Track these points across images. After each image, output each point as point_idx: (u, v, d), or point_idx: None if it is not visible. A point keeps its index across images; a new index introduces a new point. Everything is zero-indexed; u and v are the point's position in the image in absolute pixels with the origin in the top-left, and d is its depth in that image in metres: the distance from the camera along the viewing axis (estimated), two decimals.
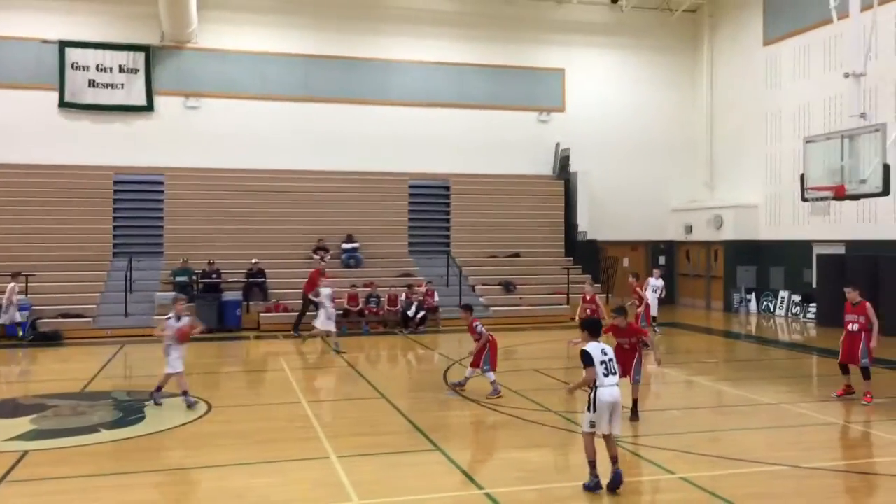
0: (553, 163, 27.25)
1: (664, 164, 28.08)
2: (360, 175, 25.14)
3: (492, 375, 11.70)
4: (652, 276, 20.14)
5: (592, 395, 7.27)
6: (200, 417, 10.55)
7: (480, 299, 22.89)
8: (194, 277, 21.01)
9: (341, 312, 20.49)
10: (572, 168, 26.52)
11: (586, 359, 7.31)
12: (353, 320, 20.64)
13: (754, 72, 25.77)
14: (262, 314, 20.83)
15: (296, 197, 24.21)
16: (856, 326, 11.00)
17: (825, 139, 16.91)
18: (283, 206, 24.00)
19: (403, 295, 21.09)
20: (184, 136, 24.24)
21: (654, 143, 27.91)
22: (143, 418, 10.58)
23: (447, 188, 25.87)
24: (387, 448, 8.94)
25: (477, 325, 11.87)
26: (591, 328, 7.60)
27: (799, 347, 18.45)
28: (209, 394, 12.14)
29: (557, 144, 27.06)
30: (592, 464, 7.28)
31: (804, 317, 23.03)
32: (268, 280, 21.51)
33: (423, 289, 21.28)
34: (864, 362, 11.05)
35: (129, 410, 11.13)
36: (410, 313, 20.64)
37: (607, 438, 7.31)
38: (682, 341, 19.16)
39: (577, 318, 15.26)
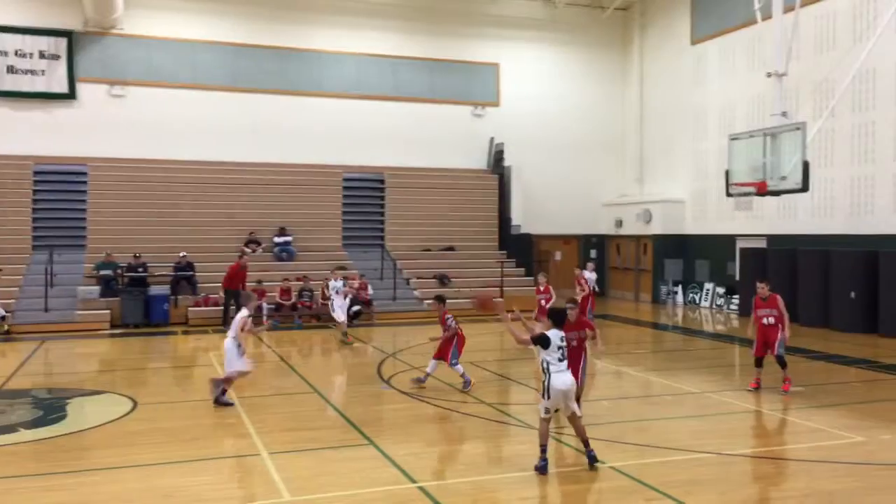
0: (487, 157, 27.43)
1: (596, 160, 28.57)
2: (293, 167, 24.83)
3: (460, 368, 11.76)
4: (585, 269, 20.41)
5: (546, 383, 7.56)
6: (125, 415, 10.26)
7: (415, 292, 22.90)
8: (119, 271, 20.39)
9: (273, 307, 20.22)
10: (506, 162, 26.75)
11: (543, 341, 7.55)
12: (285, 314, 20.38)
13: (682, 70, 26.43)
14: (190, 309, 20.36)
15: (226, 189, 23.74)
16: (771, 320, 11.37)
17: (748, 137, 17.47)
18: (212, 198, 23.50)
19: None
20: (108, 126, 23.47)
21: (586, 139, 28.36)
22: (64, 417, 10.23)
23: (382, 181, 25.76)
24: (319, 443, 8.86)
25: (448, 318, 11.92)
26: (556, 318, 7.84)
27: (722, 338, 19.04)
28: (134, 391, 11.82)
29: (492, 139, 27.24)
30: (544, 448, 7.63)
31: (727, 308, 23.79)
32: (196, 274, 21.03)
33: (356, 282, 21.14)
34: (781, 352, 11.40)
35: (49, 409, 10.74)
36: None
37: (574, 421, 7.69)
38: (612, 333, 19.53)
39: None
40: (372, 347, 16.95)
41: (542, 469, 7.58)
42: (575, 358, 9.07)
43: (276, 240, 23.29)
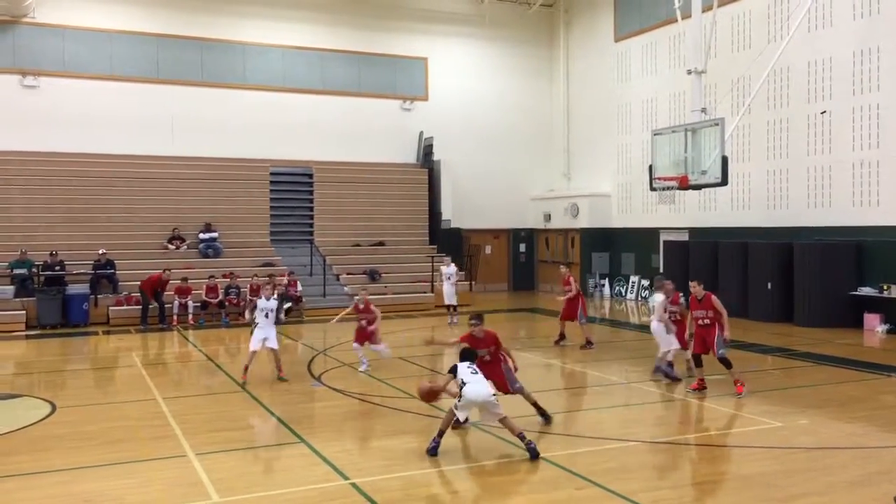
0: (416, 151, 27.41)
1: (524, 154, 28.88)
2: (218, 161, 24.28)
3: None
4: (445, 265, 20.52)
5: (460, 392, 8.04)
6: (43, 419, 9.86)
7: (345, 288, 22.72)
8: (34, 269, 19.57)
9: (199, 304, 19.75)
10: (436, 157, 26.78)
11: (453, 371, 8.26)
12: (211, 312, 19.93)
13: (606, 66, 26.95)
14: (111, 308, 19.71)
15: (148, 184, 23.05)
16: (707, 321, 11.21)
17: (671, 132, 17.96)
18: (134, 193, 22.79)
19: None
20: (21, 117, 22.48)
21: (514, 134, 28.64)
22: None
23: (310, 176, 25.45)
24: (248, 443, 8.70)
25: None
26: (464, 357, 8.39)
27: (647, 329, 19.45)
28: (53, 394, 11.38)
29: (421, 133, 27.23)
30: (441, 433, 8.17)
31: (653, 300, 24.40)
32: (117, 272, 20.36)
33: (285, 279, 20.85)
34: (721, 353, 10.87)
35: None
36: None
37: (504, 423, 8.07)
38: (540, 326, 19.82)
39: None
40: (302, 345, 16.73)
41: (430, 450, 8.03)
42: (494, 371, 9.12)
43: (202, 236, 22.74)
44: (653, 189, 18.29)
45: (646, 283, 25.06)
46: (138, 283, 19.75)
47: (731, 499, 6.87)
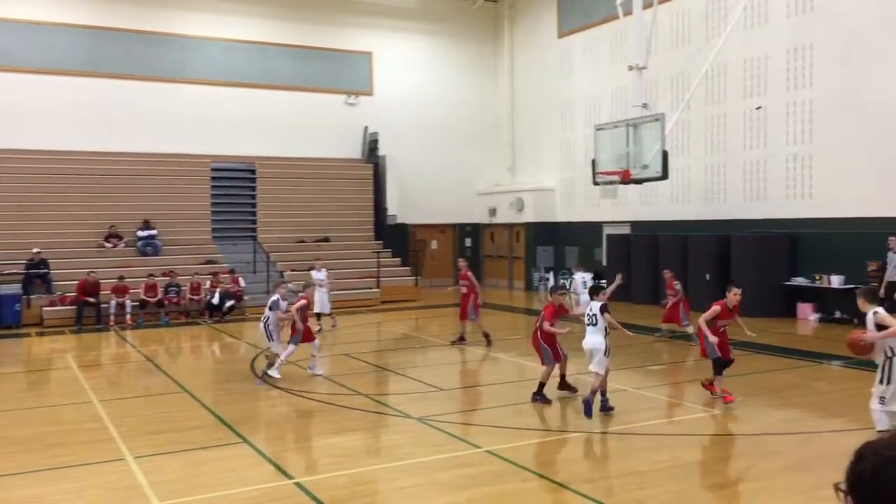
0: (361, 146, 27.22)
1: (470, 149, 28.92)
2: (157, 157, 23.68)
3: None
4: (316, 269, 18.20)
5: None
6: None
7: (289, 285, 22.37)
8: None
9: (138, 304, 19.28)
10: (381, 152, 26.64)
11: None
12: (151, 311, 19.47)
13: (550, 62, 27.17)
14: (45, 308, 19.07)
15: (83, 181, 22.35)
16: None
17: (613, 127, 18.19)
18: (68, 190, 22.06)
19: (208, 283, 20.20)
20: None
21: (459, 129, 28.65)
22: None
23: (252, 171, 25.04)
24: (190, 444, 8.52)
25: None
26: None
27: None
28: None
29: (365, 128, 27.04)
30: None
31: None
32: (51, 271, 19.72)
33: (227, 276, 20.50)
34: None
35: None
36: (215, 302, 19.81)
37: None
38: (486, 320, 19.83)
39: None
40: (245, 343, 16.46)
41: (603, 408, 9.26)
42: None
43: (140, 233, 22.16)
44: (596, 183, 18.50)
45: (589, 276, 25.33)
46: (74, 281, 19.19)
47: (672, 486, 7.00)
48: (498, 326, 18.37)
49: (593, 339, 9.64)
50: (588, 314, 9.65)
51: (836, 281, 17.14)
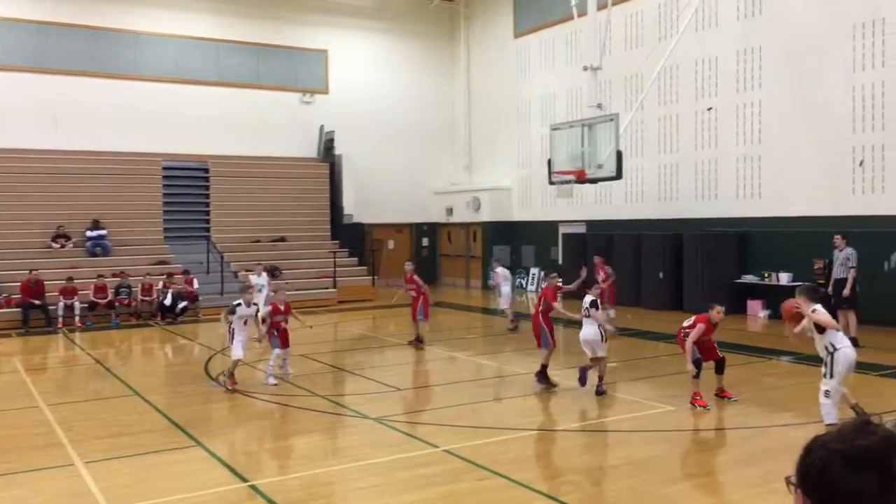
0: (317, 145, 27.00)
1: (426, 148, 28.90)
2: (107, 155, 23.16)
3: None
4: (256, 274, 17.40)
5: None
6: None
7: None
8: None
9: (87, 305, 18.84)
10: (337, 150, 26.45)
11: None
12: (101, 313, 19.03)
13: (506, 62, 27.29)
14: None
15: (30, 179, 21.74)
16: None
17: (568, 127, 18.34)
18: (15, 189, 21.41)
19: (161, 284, 19.82)
20: None
21: (416, 128, 28.60)
22: None
23: (206, 170, 24.64)
24: (142, 448, 8.34)
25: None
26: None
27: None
28: None
29: (321, 126, 26.83)
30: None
31: None
32: None
33: (181, 277, 20.15)
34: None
35: None
36: (167, 303, 19.46)
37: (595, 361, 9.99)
38: (443, 320, 19.90)
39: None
40: (198, 345, 16.20)
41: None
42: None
43: (89, 234, 21.64)
44: (551, 183, 18.64)
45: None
46: (19, 283, 18.68)
47: (628, 482, 7.08)
48: (455, 325, 18.42)
49: (589, 329, 10.38)
50: (583, 308, 10.44)
51: (784, 278, 17.55)
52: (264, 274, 17.66)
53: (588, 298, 10.40)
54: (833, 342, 7.84)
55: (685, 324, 10.21)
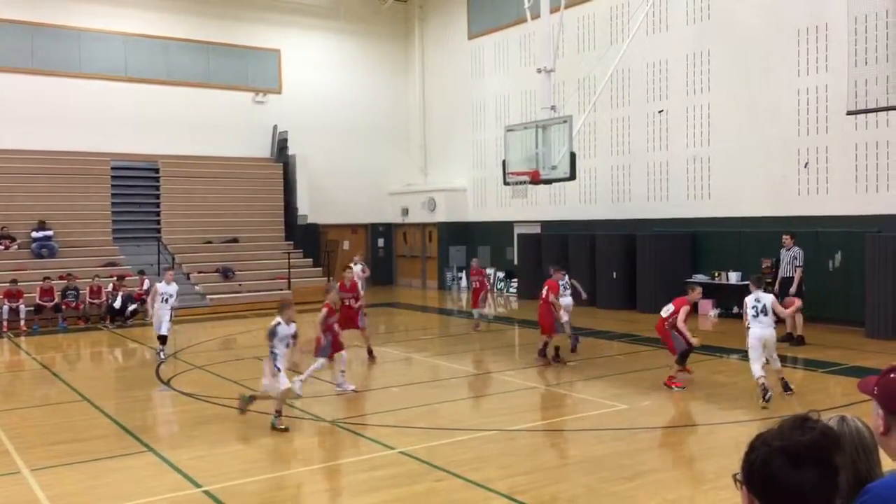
0: (271, 145, 26.71)
1: (381, 149, 28.80)
2: (52, 155, 22.54)
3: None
4: (166, 281, 14.22)
5: None
6: None
7: (196, 287, 21.82)
8: None
9: (33, 308, 18.34)
10: (291, 151, 26.20)
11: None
12: (47, 316, 18.55)
13: (461, 63, 27.36)
14: None
15: None
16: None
17: (523, 128, 18.45)
18: None
19: (111, 286, 19.38)
20: None
21: (371, 128, 28.48)
22: None
23: (156, 170, 24.18)
24: (91, 455, 8.15)
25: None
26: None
27: (503, 320, 20.04)
28: None
29: (275, 126, 26.55)
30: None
31: (507, 291, 25.09)
32: None
33: (133, 279, 19.74)
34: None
35: None
36: (117, 306, 19.04)
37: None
38: (400, 320, 19.88)
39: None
40: (149, 349, 15.89)
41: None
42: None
43: (35, 234, 21.07)
44: (506, 184, 18.74)
45: (501, 275, 25.69)
46: None
47: (583, 480, 7.16)
48: (411, 326, 18.40)
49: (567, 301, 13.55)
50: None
51: (733, 277, 17.93)
52: (174, 283, 14.44)
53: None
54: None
55: (664, 314, 10.84)
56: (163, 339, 13.76)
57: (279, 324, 9.31)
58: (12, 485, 7.22)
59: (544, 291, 12.51)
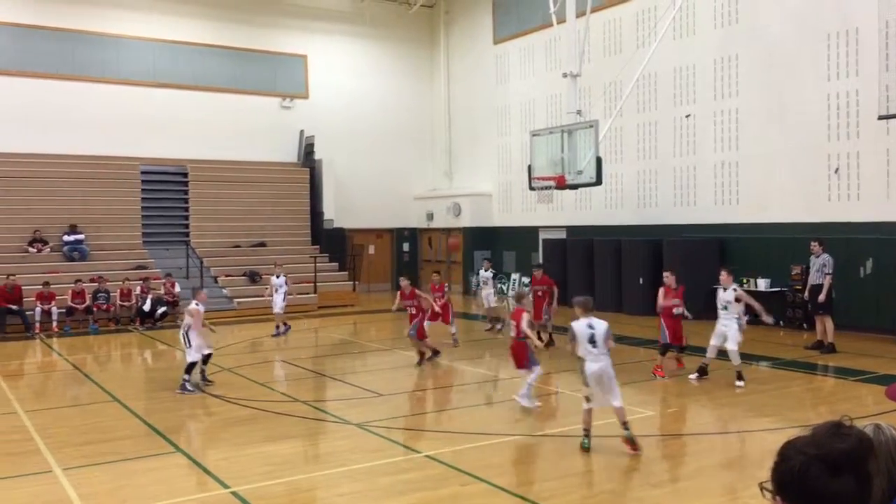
0: (297, 150, 26.93)
1: (407, 153, 28.91)
2: (84, 159, 22.91)
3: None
4: (277, 276, 18.08)
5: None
6: None
7: (224, 291, 22.04)
8: None
9: (64, 311, 18.64)
10: (317, 155, 26.39)
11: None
12: (78, 318, 18.84)
13: (486, 68, 27.39)
14: None
15: (6, 183, 21.40)
16: (680, 310, 12.41)
17: (548, 133, 18.43)
18: None
19: (138, 288, 19.65)
20: None
21: (396, 133, 28.61)
22: None
23: (185, 175, 24.48)
24: (121, 455, 8.27)
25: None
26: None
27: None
28: None
29: (301, 131, 26.76)
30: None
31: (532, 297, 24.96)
32: None
33: (161, 282, 19.99)
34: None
35: None
36: (146, 308, 19.29)
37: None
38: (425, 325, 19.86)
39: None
40: (178, 350, 16.07)
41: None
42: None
43: (66, 238, 21.42)
44: (531, 189, 18.72)
45: (526, 280, 25.60)
46: None
47: (610, 486, 7.13)
48: (438, 332, 18.40)
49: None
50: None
51: (762, 284, 17.72)
52: (283, 275, 18.05)
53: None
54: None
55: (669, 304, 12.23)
56: (206, 359, 12.41)
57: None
58: (45, 483, 7.34)
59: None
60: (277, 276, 17.90)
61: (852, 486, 1.73)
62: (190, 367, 11.35)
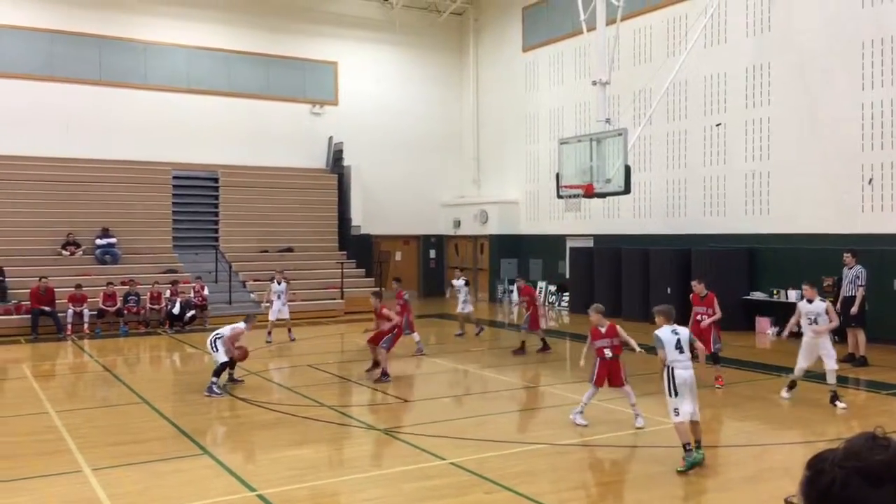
0: (326, 156, 27.12)
1: (434, 160, 28.98)
2: (117, 164, 23.29)
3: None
4: (278, 282, 18.20)
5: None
6: None
7: (252, 295, 22.22)
8: None
9: (96, 313, 18.92)
10: (346, 162, 26.56)
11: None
12: (109, 321, 19.11)
13: (514, 75, 27.40)
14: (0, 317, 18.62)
15: (41, 187, 21.84)
16: (706, 318, 12.35)
17: (577, 141, 18.38)
18: (25, 196, 21.56)
19: (168, 292, 19.89)
20: None
21: (424, 140, 28.70)
22: None
23: (215, 180, 24.76)
24: (149, 456, 8.38)
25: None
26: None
27: (553, 333, 19.89)
28: None
29: (330, 138, 26.96)
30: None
31: (559, 305, 24.92)
32: (7, 279, 19.27)
33: (191, 285, 20.21)
34: (717, 347, 12.25)
35: None
36: (176, 311, 19.52)
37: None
38: (450, 331, 19.89)
39: None
40: (207, 353, 16.23)
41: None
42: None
43: (98, 241, 21.77)
44: (560, 197, 18.66)
45: (553, 288, 25.55)
46: (29, 290, 18.76)
47: (634, 496, 7.07)
48: (464, 339, 18.39)
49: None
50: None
51: (793, 295, 17.44)
52: (284, 282, 18.13)
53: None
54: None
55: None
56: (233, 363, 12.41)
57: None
58: (75, 483, 7.46)
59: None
60: (279, 283, 17.86)
61: (892, 496, 1.71)
62: (220, 370, 11.46)
